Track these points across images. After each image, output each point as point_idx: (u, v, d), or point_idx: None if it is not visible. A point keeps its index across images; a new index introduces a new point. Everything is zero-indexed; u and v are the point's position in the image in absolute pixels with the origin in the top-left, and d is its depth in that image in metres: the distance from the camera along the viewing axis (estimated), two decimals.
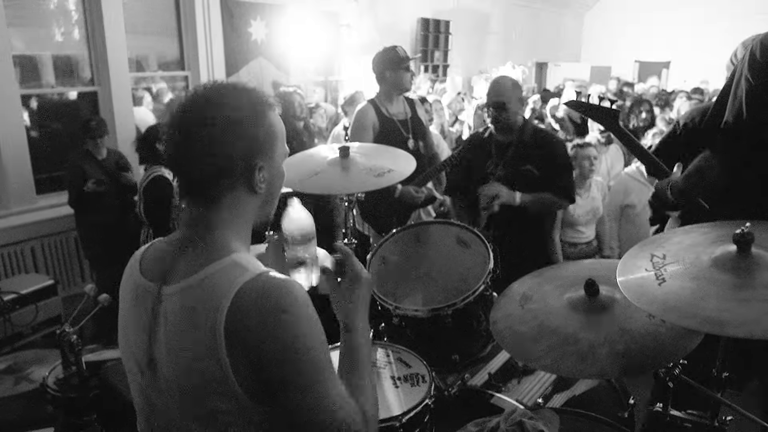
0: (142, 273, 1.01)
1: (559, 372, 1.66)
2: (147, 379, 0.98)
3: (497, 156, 2.75)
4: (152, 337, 0.95)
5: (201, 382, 0.89)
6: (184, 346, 0.91)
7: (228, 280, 0.89)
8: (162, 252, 1.01)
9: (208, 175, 0.95)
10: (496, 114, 2.69)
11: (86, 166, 3.87)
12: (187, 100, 0.96)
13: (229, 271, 0.91)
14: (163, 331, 0.94)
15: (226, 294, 0.88)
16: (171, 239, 1.02)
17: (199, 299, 0.90)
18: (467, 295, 1.86)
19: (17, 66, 4.32)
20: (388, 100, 3.24)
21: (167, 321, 0.93)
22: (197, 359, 0.89)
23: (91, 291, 2.29)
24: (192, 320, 0.90)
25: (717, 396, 1.37)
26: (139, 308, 0.98)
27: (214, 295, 0.89)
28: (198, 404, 0.91)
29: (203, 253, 0.94)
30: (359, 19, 7.30)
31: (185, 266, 0.95)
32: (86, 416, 2.07)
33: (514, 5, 10.75)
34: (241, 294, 0.88)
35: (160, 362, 0.94)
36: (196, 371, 0.89)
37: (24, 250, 4.29)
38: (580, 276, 1.48)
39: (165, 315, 0.94)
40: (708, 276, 1.19)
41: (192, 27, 5.49)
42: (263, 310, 0.87)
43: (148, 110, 5.49)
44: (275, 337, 0.86)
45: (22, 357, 2.66)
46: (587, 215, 3.55)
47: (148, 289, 0.98)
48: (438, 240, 2.17)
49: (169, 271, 0.96)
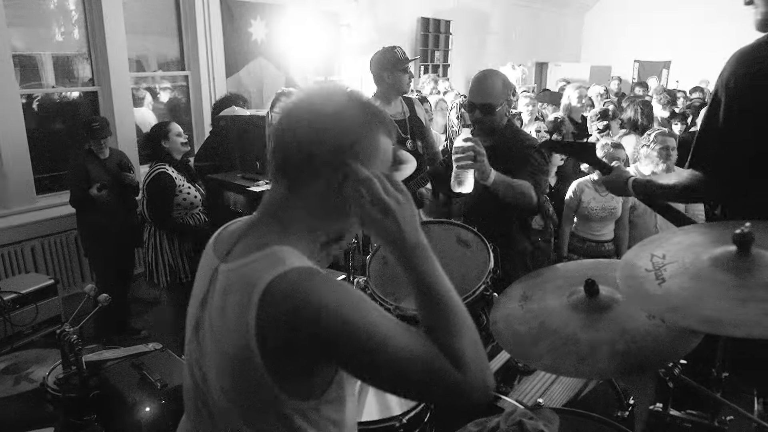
0: (214, 250, 1.05)
1: (559, 372, 1.66)
2: (193, 347, 1.03)
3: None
4: (202, 310, 1.00)
5: (232, 364, 0.92)
6: (220, 325, 0.94)
7: (259, 273, 0.90)
8: (231, 231, 1.06)
9: (301, 159, 0.95)
10: (482, 117, 2.40)
11: (89, 166, 3.87)
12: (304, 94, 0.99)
13: (264, 261, 0.92)
14: (210, 306, 0.98)
15: (257, 284, 0.88)
16: (246, 220, 1.06)
17: (235, 285, 0.93)
18: (467, 295, 1.86)
19: (17, 66, 4.31)
20: (386, 101, 3.24)
21: (214, 298, 0.97)
22: (228, 342, 0.92)
23: (91, 291, 2.28)
24: (225, 303, 0.93)
25: (717, 396, 1.37)
26: (202, 281, 1.04)
27: (246, 284, 0.90)
28: (234, 388, 0.94)
29: (260, 239, 0.96)
30: (359, 19, 7.30)
31: (242, 249, 0.97)
32: (86, 416, 2.07)
33: (514, 5, 10.74)
34: (271, 289, 0.87)
35: (205, 337, 0.99)
36: (227, 354, 0.92)
37: (24, 250, 4.29)
38: (580, 276, 1.48)
39: (214, 292, 0.97)
40: (708, 276, 1.19)
41: (192, 27, 5.48)
42: (293, 298, 0.86)
43: (149, 110, 5.49)
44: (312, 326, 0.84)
45: (22, 357, 2.67)
46: (603, 212, 3.52)
47: (211, 264, 1.02)
48: (438, 240, 2.17)
49: (231, 250, 0.99)
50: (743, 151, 1.60)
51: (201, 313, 1.01)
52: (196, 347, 1.02)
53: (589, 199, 3.51)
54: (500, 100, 2.41)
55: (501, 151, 2.38)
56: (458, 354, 0.86)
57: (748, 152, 1.59)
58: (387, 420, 1.49)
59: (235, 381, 0.93)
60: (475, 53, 9.90)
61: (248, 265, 0.93)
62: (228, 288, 0.94)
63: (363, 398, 1.60)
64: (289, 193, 0.98)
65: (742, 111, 1.59)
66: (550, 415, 1.50)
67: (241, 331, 0.89)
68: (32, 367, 2.52)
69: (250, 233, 0.99)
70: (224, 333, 0.93)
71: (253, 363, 0.88)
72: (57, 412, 2.12)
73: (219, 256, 1.01)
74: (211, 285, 0.99)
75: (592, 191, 3.53)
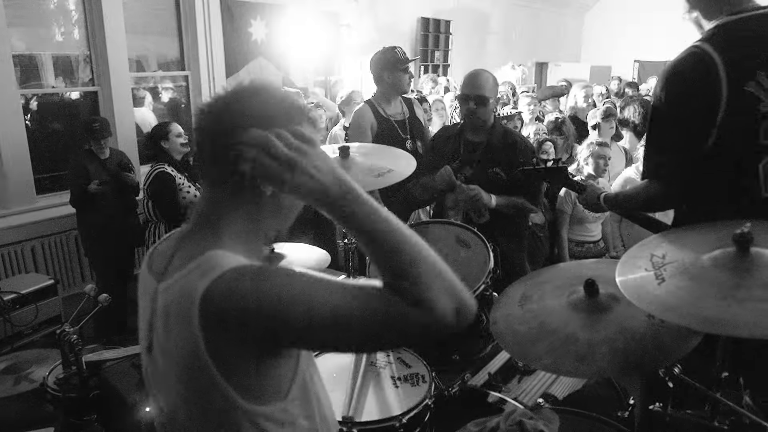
0: (149, 266, 1.01)
1: (559, 372, 1.67)
2: (150, 372, 1.01)
3: (465, 155, 2.61)
4: (151, 332, 0.96)
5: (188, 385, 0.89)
6: (169, 347, 0.90)
7: (194, 283, 0.85)
8: (167, 246, 1.02)
9: (219, 155, 0.91)
10: (475, 108, 2.53)
11: (89, 166, 3.87)
12: (226, 92, 0.96)
13: (198, 270, 0.87)
14: (157, 329, 0.94)
15: (195, 296, 0.84)
16: (180, 231, 1.02)
17: (174, 302, 0.89)
18: None
19: (17, 66, 4.31)
20: (386, 101, 3.23)
21: (158, 318, 0.93)
22: (180, 362, 0.88)
23: (91, 291, 2.28)
24: (168, 322, 0.89)
25: (717, 396, 1.37)
26: (144, 303, 1.01)
27: (184, 297, 0.86)
28: (196, 409, 0.91)
29: (195, 247, 0.91)
30: (359, 19, 7.30)
31: (177, 262, 0.93)
32: (86, 416, 2.07)
33: (514, 5, 10.74)
34: (208, 295, 0.83)
35: (157, 360, 0.95)
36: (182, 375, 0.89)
37: (24, 250, 4.29)
38: (580, 276, 1.48)
39: (157, 311, 0.94)
40: (707, 276, 1.19)
41: (192, 27, 5.48)
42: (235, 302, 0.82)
43: (149, 110, 5.49)
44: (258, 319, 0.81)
45: (22, 357, 2.67)
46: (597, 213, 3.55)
47: (149, 284, 0.99)
48: (438, 240, 2.17)
49: (166, 267, 0.96)
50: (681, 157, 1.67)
51: (150, 336, 0.97)
52: (153, 371, 0.98)
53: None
54: (491, 94, 2.57)
55: (494, 149, 2.56)
56: (419, 289, 0.81)
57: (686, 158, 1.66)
58: (387, 420, 1.49)
59: (196, 401, 0.90)
60: (475, 53, 9.90)
61: (184, 277, 0.88)
62: (168, 306, 0.90)
63: (363, 398, 1.60)
64: (215, 196, 0.95)
65: (675, 120, 1.67)
66: (550, 415, 1.50)
67: (189, 347, 0.85)
68: (32, 367, 2.52)
69: (183, 245, 0.95)
70: (174, 354, 0.89)
71: (210, 377, 0.85)
72: (57, 412, 2.12)
73: (156, 277, 0.97)
74: (153, 306, 0.95)
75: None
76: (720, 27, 1.65)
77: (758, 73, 1.56)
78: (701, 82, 1.60)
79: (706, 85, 1.59)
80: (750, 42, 1.60)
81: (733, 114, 1.57)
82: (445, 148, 2.71)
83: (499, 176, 2.55)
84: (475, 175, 2.59)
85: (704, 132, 1.61)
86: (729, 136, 1.59)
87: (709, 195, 1.71)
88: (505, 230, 2.56)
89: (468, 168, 2.61)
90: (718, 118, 1.58)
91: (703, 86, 1.59)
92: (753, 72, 1.56)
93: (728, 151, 1.61)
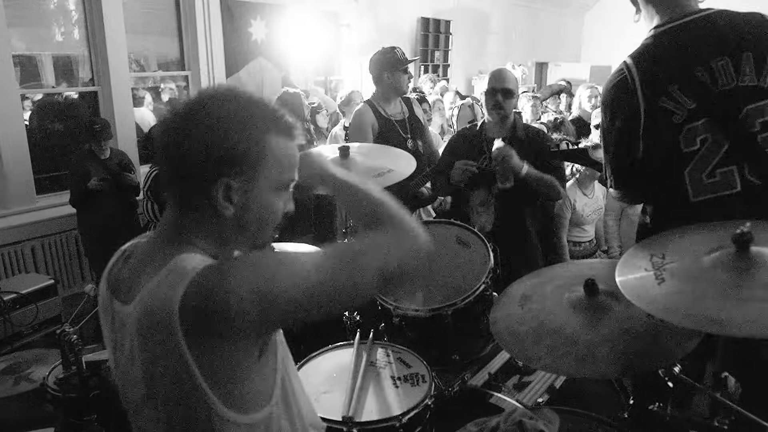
0: (109, 287, 0.97)
1: (559, 372, 1.67)
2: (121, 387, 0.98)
3: (490, 152, 2.65)
4: (115, 350, 0.94)
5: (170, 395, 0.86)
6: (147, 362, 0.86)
7: (169, 292, 0.82)
8: (127, 266, 0.97)
9: (175, 172, 0.88)
10: (502, 100, 2.64)
11: (90, 166, 3.88)
12: (188, 100, 0.92)
13: (167, 280, 0.84)
14: (124, 348, 0.90)
15: (172, 307, 0.80)
16: (145, 241, 0.98)
17: (151, 312, 0.83)
18: (467, 294, 1.86)
19: (17, 66, 4.32)
20: (386, 101, 3.23)
21: (128, 337, 0.89)
22: (162, 374, 0.84)
23: (91, 291, 2.28)
24: (145, 337, 0.85)
25: (717, 396, 1.37)
26: (106, 321, 0.97)
27: (162, 305, 0.82)
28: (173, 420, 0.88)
29: (161, 260, 0.87)
30: (359, 19, 7.30)
31: (143, 279, 0.88)
32: (86, 416, 2.07)
33: (514, 5, 10.74)
34: (187, 303, 0.80)
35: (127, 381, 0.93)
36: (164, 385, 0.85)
37: (24, 250, 4.29)
38: (580, 276, 1.48)
39: (127, 331, 0.89)
40: (707, 276, 1.19)
41: (192, 27, 5.48)
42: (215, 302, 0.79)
43: (149, 110, 5.49)
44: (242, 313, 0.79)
45: (22, 357, 2.66)
46: (594, 214, 3.61)
47: (113, 306, 0.94)
48: (438, 240, 2.16)
49: (130, 287, 0.91)
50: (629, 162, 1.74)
51: (117, 357, 0.93)
52: (125, 392, 0.95)
53: (582, 206, 3.54)
54: (516, 89, 2.72)
55: (520, 142, 2.65)
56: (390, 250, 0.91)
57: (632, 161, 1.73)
58: (387, 420, 1.49)
59: (178, 420, 0.86)
60: (475, 53, 9.90)
61: (155, 288, 0.83)
62: (142, 322, 0.85)
63: (363, 398, 1.60)
64: (180, 212, 0.91)
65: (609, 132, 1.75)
66: (550, 415, 1.50)
67: (172, 359, 0.81)
68: (32, 367, 2.52)
69: (149, 263, 0.89)
70: (155, 371, 0.85)
71: (195, 388, 0.82)
72: (57, 412, 2.12)
73: (120, 297, 0.92)
74: (120, 327, 0.91)
75: (583, 197, 3.55)
76: (650, 38, 1.72)
77: (669, 86, 1.63)
78: (622, 99, 1.69)
79: (626, 102, 1.68)
80: (668, 54, 1.66)
81: (652, 127, 1.66)
82: (466, 148, 2.75)
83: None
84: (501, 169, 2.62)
85: (631, 145, 1.69)
86: (653, 148, 1.67)
87: (651, 201, 1.82)
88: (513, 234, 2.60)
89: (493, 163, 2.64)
90: (641, 131, 1.67)
91: (624, 102, 1.69)
92: (665, 86, 1.63)
93: (656, 160, 1.68)
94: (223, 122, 0.87)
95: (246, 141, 0.88)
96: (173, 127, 0.89)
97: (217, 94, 0.92)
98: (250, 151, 0.88)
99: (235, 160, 0.87)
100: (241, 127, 0.88)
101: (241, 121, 0.88)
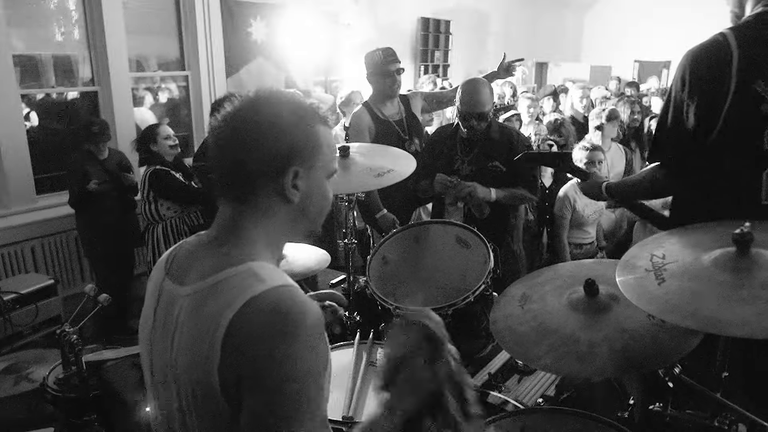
0: (167, 272, 1.00)
1: (559, 372, 1.66)
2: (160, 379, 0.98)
3: (463, 153, 2.71)
4: (172, 340, 0.94)
5: (199, 394, 0.88)
6: (190, 352, 0.89)
7: (238, 289, 0.86)
8: (187, 252, 1.01)
9: (241, 172, 0.94)
10: (477, 124, 2.63)
11: (88, 167, 3.87)
12: (238, 103, 0.98)
13: (242, 279, 0.88)
14: (178, 334, 0.93)
15: (232, 304, 0.85)
16: (200, 239, 1.02)
17: (206, 305, 0.88)
18: (467, 294, 1.86)
19: (17, 66, 4.31)
20: (382, 103, 3.21)
21: (180, 323, 0.92)
22: (196, 368, 0.87)
23: (91, 291, 2.28)
24: (197, 326, 0.88)
25: (717, 396, 1.37)
26: (161, 309, 0.98)
27: (220, 302, 0.86)
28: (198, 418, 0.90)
29: (225, 256, 0.93)
30: (359, 19, 7.29)
31: (204, 268, 0.93)
32: (86, 416, 2.07)
33: (514, 5, 10.74)
34: (249, 306, 0.84)
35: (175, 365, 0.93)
36: (195, 381, 0.88)
37: (24, 250, 4.29)
38: (580, 276, 1.48)
39: (179, 317, 0.93)
40: (707, 276, 1.19)
41: (192, 27, 5.48)
42: (268, 326, 0.83)
43: (149, 110, 5.49)
44: (272, 357, 0.81)
45: (22, 357, 2.67)
46: (594, 215, 3.59)
47: (169, 290, 0.97)
48: (438, 240, 2.17)
49: (188, 271, 0.95)
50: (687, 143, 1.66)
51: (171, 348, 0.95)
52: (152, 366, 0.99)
53: (583, 206, 3.52)
54: (490, 106, 2.70)
55: (493, 142, 2.68)
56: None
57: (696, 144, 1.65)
58: None
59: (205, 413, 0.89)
60: (475, 53, 9.90)
61: (221, 283, 0.89)
62: (195, 312, 0.89)
63: (363, 398, 1.60)
64: (240, 207, 0.96)
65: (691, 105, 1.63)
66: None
67: (203, 360, 0.85)
68: (32, 367, 2.52)
69: (210, 253, 0.95)
70: (188, 359, 0.89)
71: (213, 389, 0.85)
72: (57, 412, 2.12)
73: (175, 279, 0.97)
74: (167, 307, 0.95)
75: (583, 197, 3.54)
76: (753, 16, 1.61)
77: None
78: (713, 69, 1.58)
79: (716, 72, 1.57)
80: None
81: (737, 109, 1.56)
82: (443, 148, 2.76)
83: (498, 169, 2.63)
84: (474, 170, 2.65)
85: (709, 121, 1.60)
86: (732, 132, 1.58)
87: (710, 190, 1.70)
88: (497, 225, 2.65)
89: (467, 164, 2.68)
90: (724, 110, 1.56)
91: (716, 74, 1.58)
92: (763, 69, 1.53)
93: (730, 147, 1.60)
94: (281, 119, 0.95)
95: (303, 132, 0.96)
96: (232, 133, 0.95)
97: (261, 97, 0.99)
98: (308, 141, 0.97)
99: (298, 150, 0.95)
100: (296, 120, 0.96)
101: (295, 115, 0.96)
